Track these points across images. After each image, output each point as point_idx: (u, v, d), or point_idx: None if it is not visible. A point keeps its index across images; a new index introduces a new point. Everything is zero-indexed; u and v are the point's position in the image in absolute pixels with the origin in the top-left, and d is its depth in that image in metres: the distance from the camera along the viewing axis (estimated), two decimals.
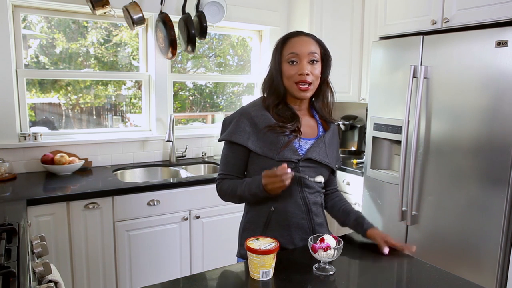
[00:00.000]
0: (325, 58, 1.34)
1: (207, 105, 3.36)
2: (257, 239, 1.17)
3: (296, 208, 1.32)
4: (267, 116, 1.30)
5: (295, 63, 1.27)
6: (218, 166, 1.57)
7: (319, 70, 1.31)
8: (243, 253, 1.36)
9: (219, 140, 1.37)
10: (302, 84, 1.27)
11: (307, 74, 1.26)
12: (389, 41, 2.38)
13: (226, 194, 1.34)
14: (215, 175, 2.56)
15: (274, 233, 1.30)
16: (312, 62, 1.28)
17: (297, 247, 1.35)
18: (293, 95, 1.31)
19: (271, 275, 1.14)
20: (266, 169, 1.26)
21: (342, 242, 1.19)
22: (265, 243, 1.14)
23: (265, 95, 1.36)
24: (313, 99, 1.40)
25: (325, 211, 1.46)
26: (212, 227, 2.47)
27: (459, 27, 2.04)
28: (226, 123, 1.36)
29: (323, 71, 1.34)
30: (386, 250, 1.30)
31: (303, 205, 1.33)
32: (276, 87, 1.32)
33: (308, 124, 1.37)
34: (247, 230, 1.37)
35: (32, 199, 1.91)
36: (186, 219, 2.36)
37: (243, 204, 1.43)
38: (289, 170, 1.17)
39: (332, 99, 1.40)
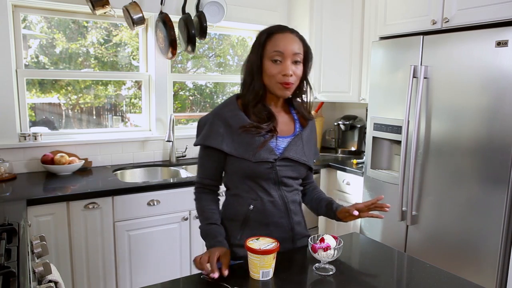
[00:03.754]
0: (307, 57, 1.29)
1: (207, 105, 3.36)
2: (257, 239, 1.16)
3: (274, 207, 1.29)
4: (242, 117, 1.26)
5: (278, 62, 1.22)
6: None
7: (301, 70, 1.27)
8: None
9: (195, 145, 1.32)
10: (285, 84, 1.23)
11: (291, 75, 1.23)
12: (389, 41, 2.38)
13: (197, 207, 1.37)
14: None
15: (253, 232, 1.27)
16: (296, 62, 1.24)
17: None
18: (274, 93, 1.27)
19: (271, 275, 1.14)
20: (244, 171, 1.25)
21: (342, 242, 1.19)
22: (266, 243, 1.14)
23: (243, 92, 1.31)
24: (291, 96, 1.35)
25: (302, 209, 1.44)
26: None
27: (459, 27, 2.04)
28: (201, 125, 1.32)
29: (304, 69, 1.30)
30: (355, 212, 1.24)
31: (282, 204, 1.30)
32: (256, 85, 1.26)
33: (284, 121, 1.34)
34: (225, 227, 1.33)
35: (32, 199, 1.91)
36: (186, 219, 2.36)
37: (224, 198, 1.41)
38: (215, 275, 1.11)
39: (311, 98, 1.38)
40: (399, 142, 2.34)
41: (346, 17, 2.96)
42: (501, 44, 1.80)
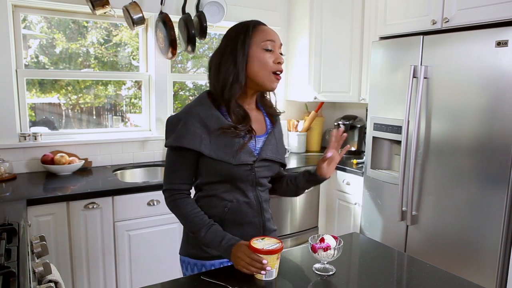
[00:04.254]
0: None
1: None
2: (262, 238, 1.16)
3: (249, 207, 1.28)
4: (218, 116, 1.21)
5: (270, 51, 1.21)
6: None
7: None
8: (192, 252, 1.29)
9: (167, 146, 1.23)
10: (278, 73, 1.22)
11: (283, 63, 1.23)
12: (389, 41, 2.38)
13: (182, 218, 1.25)
14: None
15: (227, 232, 1.23)
16: (281, 54, 1.24)
17: None
18: (262, 85, 1.23)
19: (274, 275, 1.14)
20: (222, 173, 1.21)
21: (342, 242, 1.19)
22: (270, 243, 1.13)
23: (221, 87, 1.22)
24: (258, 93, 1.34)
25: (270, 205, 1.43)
26: None
27: (459, 27, 2.04)
28: (173, 124, 1.23)
29: None
30: (328, 154, 1.29)
31: (256, 204, 1.29)
32: (241, 77, 1.20)
33: (257, 119, 1.32)
34: None
35: (32, 199, 1.91)
36: None
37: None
38: (268, 268, 1.10)
39: (275, 96, 1.38)
40: (399, 142, 2.34)
41: (346, 17, 2.96)
42: (501, 44, 1.80)
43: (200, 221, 1.21)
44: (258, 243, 1.13)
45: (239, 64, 1.20)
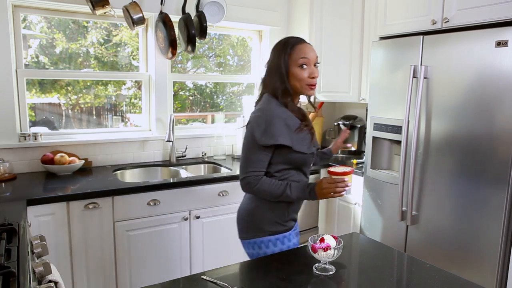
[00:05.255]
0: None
1: (207, 105, 3.36)
2: (334, 167, 1.39)
3: None
4: (293, 117, 1.49)
5: (305, 67, 1.46)
6: (240, 164, 1.55)
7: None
8: (273, 230, 1.49)
9: (262, 144, 1.43)
10: (313, 84, 1.49)
11: (317, 77, 1.50)
12: (389, 41, 2.38)
13: (266, 192, 1.45)
14: (215, 175, 2.57)
15: (293, 208, 1.54)
16: (315, 65, 1.50)
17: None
18: (304, 93, 1.54)
19: (352, 192, 1.42)
20: (298, 161, 1.49)
21: (342, 242, 1.19)
22: (343, 167, 1.40)
23: (278, 95, 1.50)
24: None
25: None
26: (212, 227, 2.47)
27: (459, 27, 2.04)
28: (259, 124, 1.44)
29: None
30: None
31: None
32: (287, 86, 1.49)
33: None
34: (272, 208, 1.51)
35: (32, 199, 1.91)
36: (186, 219, 2.36)
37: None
38: (350, 184, 1.40)
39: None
40: (399, 142, 2.34)
41: (346, 17, 2.96)
42: (501, 44, 1.80)
43: (281, 186, 1.45)
44: (335, 170, 1.38)
45: (285, 79, 1.48)
